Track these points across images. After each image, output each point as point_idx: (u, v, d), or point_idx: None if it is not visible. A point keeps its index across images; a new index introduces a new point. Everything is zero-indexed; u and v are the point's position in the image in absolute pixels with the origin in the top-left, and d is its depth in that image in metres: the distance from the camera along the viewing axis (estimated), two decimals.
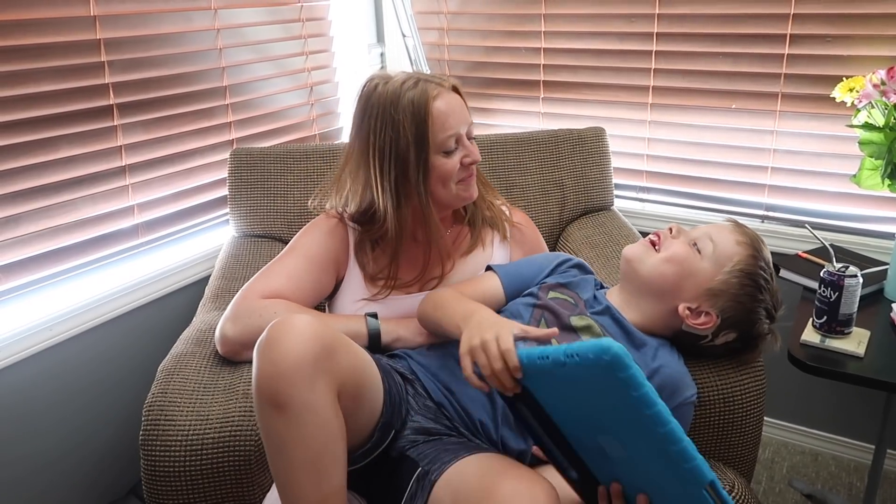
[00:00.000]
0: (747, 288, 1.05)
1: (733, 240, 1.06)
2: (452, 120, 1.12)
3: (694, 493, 0.73)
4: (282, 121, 1.87)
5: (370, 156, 1.13)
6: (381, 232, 1.17)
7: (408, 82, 1.12)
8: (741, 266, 1.05)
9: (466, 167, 1.15)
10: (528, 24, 1.92)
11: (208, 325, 1.21)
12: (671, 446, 0.72)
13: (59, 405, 1.42)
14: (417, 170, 1.11)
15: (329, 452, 0.84)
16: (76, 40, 1.38)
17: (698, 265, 1.05)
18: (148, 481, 1.00)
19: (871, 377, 1.16)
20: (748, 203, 1.78)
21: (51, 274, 1.41)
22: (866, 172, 1.39)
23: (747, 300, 1.05)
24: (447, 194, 1.16)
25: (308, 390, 0.82)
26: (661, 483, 0.78)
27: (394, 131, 1.10)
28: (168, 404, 1.02)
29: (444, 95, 1.12)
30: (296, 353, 0.82)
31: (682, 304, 1.05)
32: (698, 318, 1.05)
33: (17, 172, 1.33)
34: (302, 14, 1.87)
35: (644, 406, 0.72)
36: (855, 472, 1.76)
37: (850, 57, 1.56)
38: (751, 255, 1.06)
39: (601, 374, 0.72)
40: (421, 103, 1.10)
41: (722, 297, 1.04)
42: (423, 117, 1.10)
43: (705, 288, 1.05)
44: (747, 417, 1.09)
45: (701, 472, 0.73)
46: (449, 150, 1.13)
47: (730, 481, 1.01)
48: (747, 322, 1.06)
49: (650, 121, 1.84)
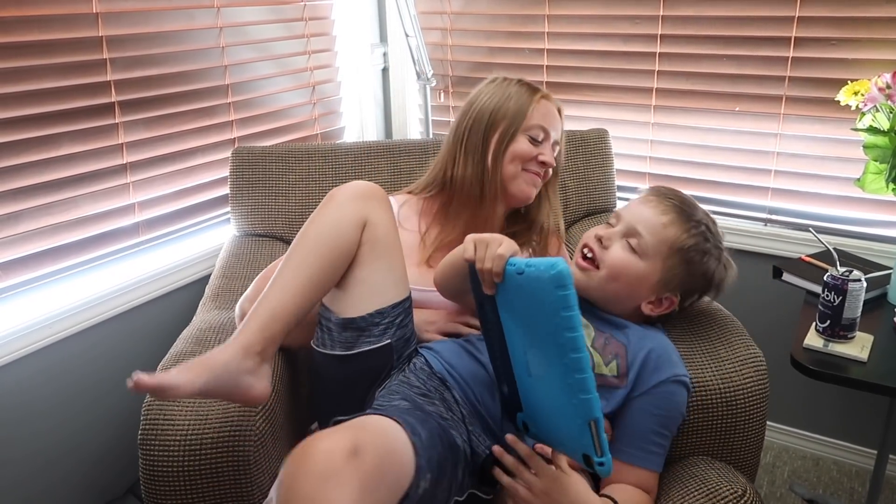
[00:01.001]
0: (693, 260, 1.07)
1: (660, 224, 1.07)
2: (549, 119, 1.28)
3: (578, 425, 0.80)
4: (283, 120, 1.86)
5: (467, 117, 1.28)
6: (445, 196, 1.30)
7: (524, 81, 1.30)
8: (679, 246, 1.06)
9: (538, 163, 1.27)
10: (531, 24, 1.92)
11: (208, 324, 1.21)
12: (576, 374, 0.79)
13: (58, 403, 1.41)
14: (502, 139, 1.25)
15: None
16: (79, 37, 1.38)
17: (639, 267, 1.06)
18: (146, 481, 0.99)
19: (875, 382, 1.15)
20: (751, 206, 1.77)
21: (51, 271, 1.40)
22: (870, 176, 1.38)
23: (697, 268, 1.08)
24: (512, 175, 1.26)
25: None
26: (557, 409, 0.85)
27: (501, 101, 1.26)
28: (167, 404, 1.01)
29: (551, 103, 1.29)
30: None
31: (644, 302, 1.09)
32: (661, 305, 1.10)
33: (19, 169, 1.32)
34: (305, 13, 1.87)
35: (566, 327, 0.79)
36: (856, 478, 1.75)
37: (854, 60, 1.56)
38: (683, 231, 1.06)
39: (545, 286, 0.80)
40: (532, 94, 1.27)
41: (674, 279, 1.08)
42: (528, 102, 1.26)
43: (655, 280, 1.07)
44: (750, 420, 1.09)
45: (591, 406, 0.79)
46: (535, 137, 1.26)
47: (741, 486, 1.00)
48: (707, 282, 1.11)
49: (653, 123, 1.83)
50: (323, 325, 1.07)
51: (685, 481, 1.03)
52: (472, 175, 1.26)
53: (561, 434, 0.87)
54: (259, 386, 0.96)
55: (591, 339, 1.07)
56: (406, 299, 1.08)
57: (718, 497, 0.98)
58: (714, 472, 1.04)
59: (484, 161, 1.26)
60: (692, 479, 1.03)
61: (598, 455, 0.80)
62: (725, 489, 0.99)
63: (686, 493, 1.00)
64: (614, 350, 1.05)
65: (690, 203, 1.11)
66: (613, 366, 1.04)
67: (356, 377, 1.05)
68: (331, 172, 1.59)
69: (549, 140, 1.28)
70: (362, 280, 1.04)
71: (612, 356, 1.05)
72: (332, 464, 0.75)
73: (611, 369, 1.04)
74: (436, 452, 0.91)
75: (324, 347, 1.06)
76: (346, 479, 0.75)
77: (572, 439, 0.84)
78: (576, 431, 0.81)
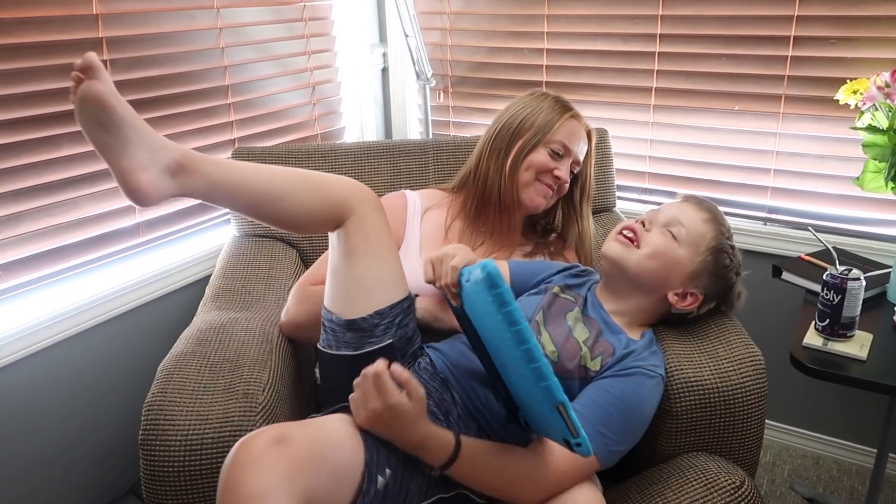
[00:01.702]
0: (722, 261, 1.12)
1: (700, 219, 1.13)
2: (574, 138, 1.31)
3: (550, 412, 0.82)
4: (283, 120, 1.86)
5: (501, 118, 1.34)
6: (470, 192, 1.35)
7: (561, 99, 1.34)
8: (713, 243, 1.12)
9: (553, 178, 1.30)
10: (530, 24, 1.92)
11: (209, 324, 1.21)
12: (530, 363, 0.80)
13: (59, 404, 1.42)
14: (524, 146, 1.29)
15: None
16: (79, 38, 1.38)
17: (678, 253, 1.11)
18: (147, 481, 0.99)
19: (874, 381, 1.15)
20: (751, 205, 1.77)
21: (52, 272, 1.40)
22: (870, 175, 1.39)
23: (723, 271, 1.13)
24: (525, 182, 1.30)
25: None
26: (534, 401, 0.86)
27: (532, 111, 1.31)
28: (168, 404, 1.01)
29: (580, 124, 1.33)
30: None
31: (671, 292, 1.12)
32: (685, 300, 1.12)
33: (19, 170, 1.33)
34: (304, 13, 1.87)
35: (509, 323, 0.80)
36: (857, 476, 1.75)
37: (854, 59, 1.56)
38: (718, 231, 1.13)
39: (482, 290, 0.82)
40: (563, 110, 1.32)
41: (702, 275, 1.11)
42: (556, 118, 1.30)
43: (688, 271, 1.11)
44: (748, 419, 1.09)
45: (552, 392, 0.80)
46: (556, 151, 1.30)
47: (740, 477, 1.01)
48: (726, 290, 1.15)
49: (653, 122, 1.83)
50: (327, 326, 1.08)
51: (684, 471, 1.04)
52: (492, 175, 1.32)
53: (545, 425, 0.88)
54: (140, 178, 0.90)
55: (583, 337, 1.09)
56: (404, 299, 1.09)
57: (716, 487, 0.99)
58: (713, 464, 1.05)
59: (504, 164, 1.31)
60: (691, 469, 1.04)
61: (574, 437, 0.81)
62: (724, 480, 1.00)
63: (685, 482, 1.01)
64: (602, 348, 1.07)
65: (720, 213, 1.17)
66: (598, 361, 1.06)
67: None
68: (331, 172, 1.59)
69: (570, 157, 1.32)
70: (359, 278, 1.06)
71: (598, 353, 1.07)
72: (254, 451, 0.79)
73: (594, 364, 1.05)
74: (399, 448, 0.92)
75: (330, 349, 1.07)
76: (269, 464, 0.78)
77: (553, 428, 0.85)
78: (551, 419, 0.83)
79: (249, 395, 1.04)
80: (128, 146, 0.90)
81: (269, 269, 1.43)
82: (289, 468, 0.78)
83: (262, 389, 1.05)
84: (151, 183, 0.91)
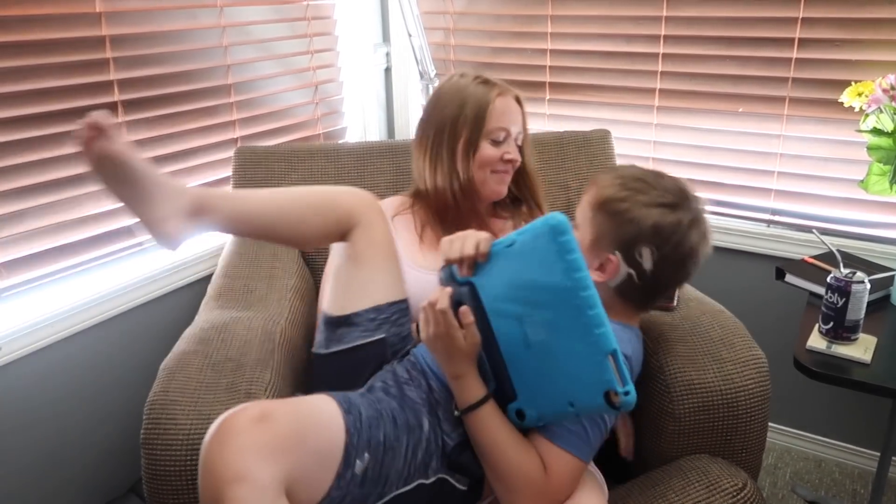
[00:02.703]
0: (612, 209, 0.99)
1: (585, 196, 1.05)
2: (507, 117, 1.28)
3: (597, 363, 0.83)
4: (286, 119, 1.86)
5: (429, 130, 1.31)
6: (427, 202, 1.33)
7: (479, 79, 1.30)
8: (596, 202, 1.01)
9: (505, 163, 1.29)
10: (534, 25, 1.92)
11: (211, 323, 1.21)
12: (588, 310, 0.83)
13: (61, 402, 1.41)
14: (466, 148, 1.27)
15: None
16: (82, 36, 1.38)
17: (575, 235, 0.94)
18: (149, 480, 0.99)
19: (878, 384, 1.15)
20: (754, 207, 1.77)
21: (53, 270, 1.40)
22: (874, 178, 1.38)
23: (620, 216, 0.99)
24: (483, 181, 1.29)
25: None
26: (569, 362, 0.87)
27: (458, 109, 1.27)
28: (170, 403, 1.01)
29: (507, 97, 1.29)
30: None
31: (591, 269, 0.99)
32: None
33: (21, 168, 1.32)
34: (308, 13, 1.87)
35: (573, 269, 0.84)
36: (859, 479, 1.75)
37: (858, 61, 1.55)
38: (600, 188, 1.02)
39: (543, 242, 0.86)
40: (488, 95, 1.27)
41: (605, 236, 1.00)
42: (485, 106, 1.26)
43: (590, 243, 1.01)
44: (751, 422, 1.09)
45: (607, 338, 0.83)
46: (497, 140, 1.27)
47: (743, 479, 1.00)
48: (637, 228, 0.98)
49: (656, 123, 1.83)
50: (321, 328, 1.10)
51: (686, 473, 1.04)
52: (441, 184, 1.28)
53: (572, 391, 0.88)
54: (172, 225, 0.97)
55: None
56: (403, 300, 1.11)
57: (719, 490, 0.99)
58: (715, 466, 1.05)
59: (452, 171, 1.28)
60: (693, 471, 1.04)
61: (622, 386, 0.82)
62: (726, 482, 1.00)
63: (687, 483, 1.01)
64: None
65: (617, 165, 1.10)
66: None
67: (351, 371, 1.07)
68: (333, 172, 1.59)
69: (511, 136, 1.29)
70: (356, 278, 1.09)
71: None
72: (235, 427, 0.79)
73: None
74: (379, 432, 0.93)
75: (322, 348, 1.09)
76: (251, 439, 0.78)
77: (588, 385, 0.85)
78: (594, 373, 0.84)
79: (251, 394, 1.03)
80: (150, 199, 0.97)
81: (270, 269, 1.43)
82: (270, 447, 0.78)
83: (265, 389, 1.05)
84: (177, 229, 0.99)
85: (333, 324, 1.08)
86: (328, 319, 1.10)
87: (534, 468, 0.94)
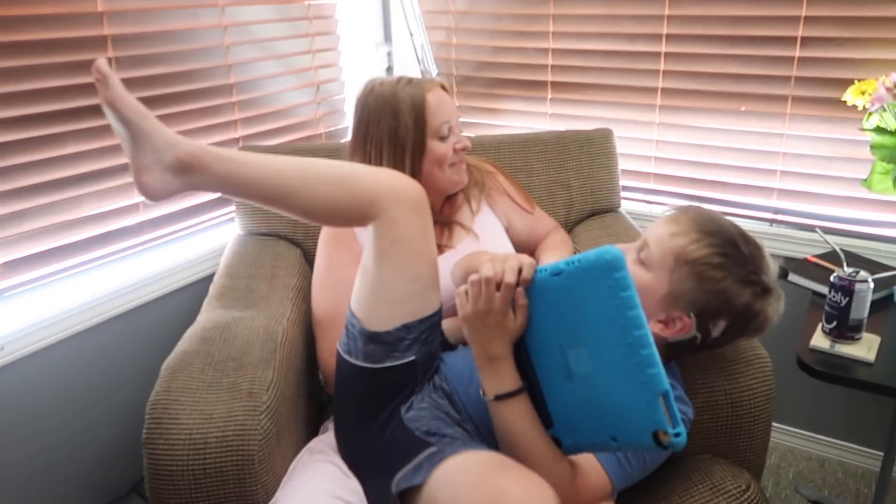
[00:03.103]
0: (702, 275, 0.95)
1: (667, 234, 0.98)
2: (444, 110, 1.28)
3: (647, 403, 0.79)
4: (288, 119, 1.86)
5: (367, 148, 1.28)
6: None
7: (402, 81, 1.29)
8: (684, 258, 0.96)
9: (458, 152, 1.30)
10: (536, 24, 1.91)
11: (213, 322, 1.21)
12: (641, 350, 0.79)
13: (63, 402, 1.41)
14: (414, 155, 1.26)
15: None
16: (83, 36, 1.38)
17: (645, 278, 0.98)
18: (151, 479, 0.99)
19: (881, 383, 1.14)
20: (757, 206, 1.77)
21: (55, 270, 1.40)
22: (877, 177, 1.38)
23: (709, 285, 0.95)
24: (442, 177, 1.30)
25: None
26: (615, 399, 0.83)
27: (394, 120, 1.25)
28: (172, 402, 1.01)
29: (436, 90, 1.29)
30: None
31: (653, 321, 0.98)
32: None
33: (23, 168, 1.32)
34: (309, 12, 1.87)
35: (627, 307, 0.79)
36: (862, 479, 1.74)
37: (861, 60, 1.55)
38: (691, 242, 0.97)
39: (596, 275, 0.82)
40: (419, 95, 1.26)
41: (684, 296, 0.96)
42: (421, 106, 1.26)
43: (663, 294, 0.97)
44: (755, 421, 1.09)
45: (660, 379, 0.78)
46: (443, 135, 1.28)
47: (746, 480, 1.00)
48: (726, 303, 0.96)
49: (658, 122, 1.83)
50: (349, 331, 1.05)
51: (690, 474, 1.04)
52: None
53: (617, 426, 0.85)
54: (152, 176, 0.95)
55: None
56: (435, 314, 1.04)
57: (722, 491, 0.98)
58: (719, 467, 1.04)
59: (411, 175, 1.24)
60: (696, 472, 1.04)
61: (672, 427, 0.78)
62: (730, 483, 0.99)
63: (690, 485, 1.01)
64: None
65: (710, 218, 1.00)
66: None
67: (378, 391, 1.04)
68: None
69: (454, 125, 1.30)
70: (387, 284, 1.01)
71: None
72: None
73: None
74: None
75: (349, 356, 1.04)
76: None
77: (636, 423, 0.81)
78: (643, 412, 0.80)
79: (253, 394, 1.03)
80: (135, 146, 0.96)
81: (272, 268, 1.43)
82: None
83: (266, 388, 1.05)
84: (154, 181, 0.96)
85: (363, 336, 1.02)
86: (356, 326, 1.03)
87: (565, 471, 0.93)
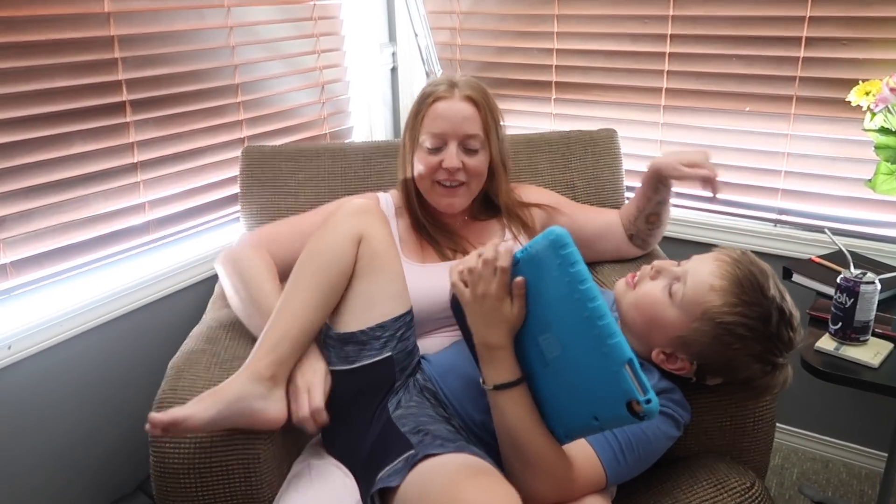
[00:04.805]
0: (720, 338, 0.95)
1: (708, 284, 0.95)
2: (442, 123, 1.18)
3: (614, 373, 0.80)
4: (293, 119, 1.87)
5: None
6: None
7: (444, 78, 1.24)
8: (711, 315, 0.94)
9: (442, 171, 1.20)
10: (540, 24, 1.92)
11: (219, 322, 1.21)
12: (598, 321, 0.81)
13: (69, 401, 1.42)
14: (405, 159, 1.25)
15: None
16: (90, 36, 1.39)
17: (666, 312, 0.98)
18: (157, 478, 0.99)
19: (886, 384, 1.14)
20: (761, 206, 1.77)
21: (61, 269, 1.41)
22: (882, 177, 1.38)
23: (723, 349, 0.95)
24: (425, 190, 1.24)
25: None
26: (587, 376, 0.85)
27: (412, 111, 1.23)
28: (178, 401, 1.01)
29: (452, 100, 1.20)
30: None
31: (656, 349, 1.00)
32: (674, 362, 1.00)
33: (30, 168, 1.33)
34: (314, 13, 1.87)
35: (578, 281, 0.83)
36: (866, 480, 1.74)
37: (866, 60, 1.55)
38: (725, 304, 0.94)
39: (545, 257, 0.85)
40: (426, 97, 1.20)
41: (694, 346, 0.97)
42: (421, 109, 1.20)
43: (675, 335, 0.98)
44: (759, 422, 1.09)
45: (621, 348, 0.81)
46: (431, 147, 1.20)
47: (751, 478, 1.00)
48: (730, 370, 0.98)
49: (663, 123, 1.83)
50: (327, 343, 1.08)
51: (694, 472, 1.04)
52: (402, 194, 1.29)
53: (594, 404, 0.85)
54: (273, 409, 0.99)
55: None
56: (407, 313, 1.09)
57: (727, 489, 0.98)
58: (723, 465, 1.04)
59: (406, 181, 1.27)
60: (701, 469, 1.04)
61: (643, 394, 0.79)
62: (734, 481, 1.00)
63: (695, 482, 1.01)
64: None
65: (755, 284, 0.95)
66: None
67: (359, 391, 1.06)
68: (340, 172, 1.59)
69: (452, 142, 1.19)
70: (360, 293, 1.06)
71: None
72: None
73: None
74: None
75: (329, 364, 1.07)
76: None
77: (608, 397, 0.82)
78: (612, 384, 0.81)
79: None
80: (247, 415, 0.98)
81: None
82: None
83: None
84: (276, 409, 0.99)
85: (338, 340, 1.06)
86: (332, 336, 1.07)
87: (564, 462, 0.93)
